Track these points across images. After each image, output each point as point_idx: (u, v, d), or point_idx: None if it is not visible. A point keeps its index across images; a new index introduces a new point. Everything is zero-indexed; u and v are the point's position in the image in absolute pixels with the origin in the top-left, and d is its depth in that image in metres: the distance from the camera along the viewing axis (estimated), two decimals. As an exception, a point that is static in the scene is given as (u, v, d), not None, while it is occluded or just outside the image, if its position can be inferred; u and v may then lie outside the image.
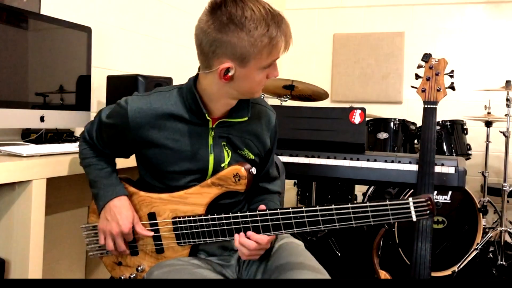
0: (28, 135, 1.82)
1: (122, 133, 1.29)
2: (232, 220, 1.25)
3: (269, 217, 1.21)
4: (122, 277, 1.38)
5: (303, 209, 1.20)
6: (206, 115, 1.27)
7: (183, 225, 1.30)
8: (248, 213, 1.23)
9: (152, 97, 1.29)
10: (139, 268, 1.35)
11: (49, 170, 1.38)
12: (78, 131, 2.11)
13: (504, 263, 3.01)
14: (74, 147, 1.63)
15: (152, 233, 1.32)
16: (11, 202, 1.34)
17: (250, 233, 1.22)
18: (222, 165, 1.31)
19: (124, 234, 1.30)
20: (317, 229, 1.20)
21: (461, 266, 2.86)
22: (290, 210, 1.21)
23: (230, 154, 1.33)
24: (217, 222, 1.26)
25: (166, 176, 1.31)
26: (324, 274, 1.23)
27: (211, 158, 1.30)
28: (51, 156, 1.44)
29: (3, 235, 1.35)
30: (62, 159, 1.44)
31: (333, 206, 1.17)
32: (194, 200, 1.30)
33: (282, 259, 1.29)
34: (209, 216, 1.27)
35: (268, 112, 1.42)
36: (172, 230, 1.31)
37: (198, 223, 1.28)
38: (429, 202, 1.12)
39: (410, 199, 1.13)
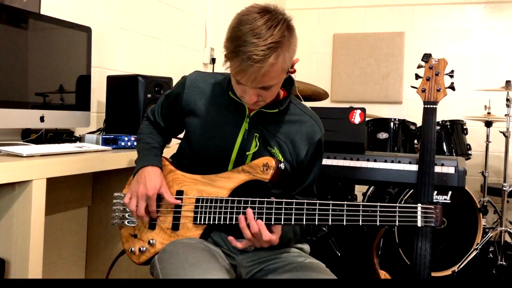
0: (28, 135, 1.81)
1: (177, 99, 1.44)
2: (249, 205, 1.28)
3: (283, 206, 1.25)
4: (132, 249, 1.42)
5: (317, 201, 1.24)
6: (242, 103, 1.35)
7: (203, 204, 1.36)
8: (265, 199, 1.27)
9: (210, 74, 1.46)
10: (151, 241, 1.39)
11: (49, 170, 1.38)
12: (78, 131, 2.11)
13: (504, 263, 3.01)
14: (74, 147, 1.63)
15: (179, 202, 1.39)
16: (11, 202, 1.34)
17: (259, 222, 1.25)
18: (247, 153, 1.37)
19: (148, 197, 1.36)
20: (325, 224, 1.22)
21: (461, 266, 2.86)
22: (304, 201, 1.25)
23: (258, 146, 1.37)
24: (235, 205, 1.31)
25: (196, 147, 1.41)
26: None
27: (238, 142, 1.37)
28: (51, 156, 1.44)
29: (3, 235, 1.35)
30: (62, 159, 1.44)
31: (345, 203, 1.21)
32: (221, 183, 1.36)
33: (301, 275, 1.32)
34: (229, 198, 1.32)
35: (314, 127, 1.43)
36: (192, 209, 1.37)
37: (217, 204, 1.33)
38: (437, 211, 1.13)
39: (419, 205, 1.14)
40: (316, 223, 1.22)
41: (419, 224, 1.14)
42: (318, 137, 1.42)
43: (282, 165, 1.34)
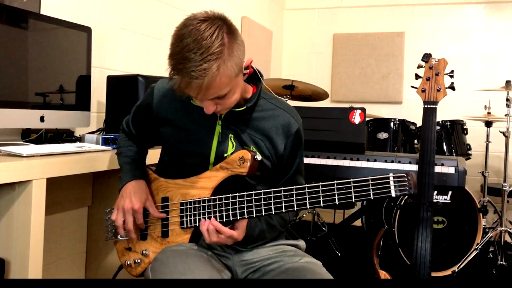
0: (28, 135, 1.81)
1: (148, 109, 1.43)
2: (230, 201, 1.28)
3: (262, 197, 1.24)
4: (128, 263, 1.44)
5: (293, 187, 1.22)
6: None
7: (188, 206, 1.36)
8: (244, 193, 1.26)
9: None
10: (144, 252, 1.41)
11: (49, 170, 1.38)
12: (78, 131, 2.10)
13: (504, 263, 3.01)
14: (74, 147, 1.63)
15: (164, 215, 1.40)
16: (11, 202, 1.34)
17: (214, 221, 1.26)
18: (225, 155, 1.36)
19: (134, 211, 1.38)
20: (303, 208, 1.21)
21: (461, 266, 2.86)
22: (282, 189, 1.23)
23: (234, 146, 1.37)
24: (217, 202, 1.30)
25: (175, 156, 1.42)
26: None
27: (214, 146, 1.37)
28: (51, 156, 1.44)
29: (3, 235, 1.35)
30: (62, 159, 1.44)
31: (319, 184, 1.20)
32: (203, 183, 1.36)
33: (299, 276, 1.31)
34: (211, 198, 1.32)
35: (289, 120, 1.41)
36: (178, 213, 1.38)
37: (201, 204, 1.33)
38: (409, 177, 1.12)
39: (391, 174, 1.13)
40: (295, 208, 1.21)
41: (393, 193, 1.13)
42: (295, 128, 1.41)
43: (258, 157, 1.32)
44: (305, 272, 1.32)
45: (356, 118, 2.18)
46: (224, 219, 1.28)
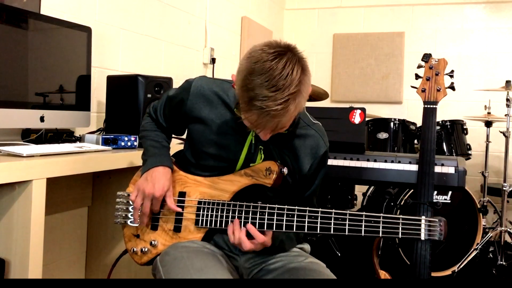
0: (28, 135, 1.81)
1: (180, 104, 1.41)
2: (251, 209, 1.28)
3: (285, 212, 1.25)
4: (134, 249, 1.42)
5: (319, 209, 1.23)
6: None
7: (205, 206, 1.36)
8: (267, 205, 1.27)
9: (216, 82, 1.41)
10: (153, 243, 1.40)
11: (49, 170, 1.38)
12: (78, 131, 2.10)
13: (504, 263, 3.01)
14: (74, 147, 1.63)
15: (179, 209, 1.38)
16: (11, 202, 1.34)
17: (249, 226, 1.27)
18: (252, 165, 1.36)
19: (154, 197, 1.36)
20: (327, 234, 1.21)
21: (461, 266, 2.86)
22: (307, 209, 1.24)
23: (263, 158, 1.36)
24: (237, 209, 1.30)
25: (200, 155, 1.41)
26: None
27: (243, 155, 1.37)
28: (51, 156, 1.44)
29: (3, 235, 1.35)
30: (62, 159, 1.44)
31: (347, 212, 1.19)
32: (224, 186, 1.36)
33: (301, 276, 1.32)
34: (231, 202, 1.31)
35: (319, 142, 1.41)
36: (194, 211, 1.37)
37: (219, 207, 1.33)
38: (441, 224, 1.12)
39: (423, 217, 1.13)
40: (318, 232, 1.21)
41: (422, 237, 1.12)
42: (323, 151, 1.40)
43: (285, 170, 1.33)
44: (309, 272, 1.32)
45: (356, 118, 2.18)
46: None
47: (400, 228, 1.14)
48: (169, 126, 1.53)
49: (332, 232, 1.20)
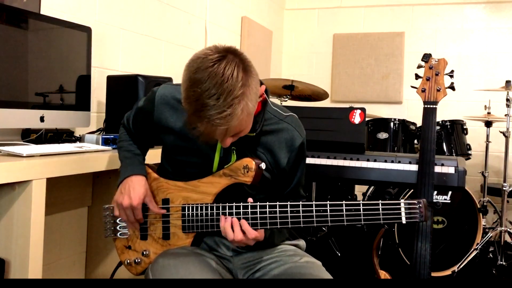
0: (28, 135, 1.81)
1: (149, 116, 1.40)
2: (234, 211, 1.28)
3: (267, 209, 1.24)
4: (128, 261, 1.43)
5: (300, 203, 1.23)
6: None
7: (190, 211, 1.35)
8: (248, 204, 1.26)
9: (179, 89, 1.34)
10: (144, 253, 1.40)
11: (49, 170, 1.38)
12: (78, 131, 2.10)
13: (504, 263, 3.01)
14: (74, 147, 1.63)
15: (164, 211, 1.38)
16: (11, 202, 1.34)
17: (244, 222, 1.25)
18: (225, 166, 1.34)
19: (133, 207, 1.36)
20: (309, 226, 1.22)
21: (461, 266, 2.85)
22: (288, 204, 1.23)
23: (236, 158, 1.35)
24: (220, 211, 1.30)
25: (174, 163, 1.41)
26: None
27: (217, 158, 1.35)
28: (51, 156, 1.44)
29: (3, 235, 1.35)
30: (62, 159, 1.44)
31: (327, 203, 1.19)
32: (205, 189, 1.35)
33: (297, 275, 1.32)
34: (214, 205, 1.31)
35: (293, 133, 1.38)
36: (180, 217, 1.37)
37: (204, 211, 1.33)
38: (420, 205, 1.12)
39: (402, 200, 1.13)
40: (302, 225, 1.22)
41: (403, 220, 1.13)
42: (299, 143, 1.38)
43: (262, 165, 1.31)
44: (305, 272, 1.32)
45: (356, 118, 2.18)
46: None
47: (381, 213, 1.14)
48: (142, 136, 1.51)
49: (315, 224, 1.21)
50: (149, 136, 1.48)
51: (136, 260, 1.42)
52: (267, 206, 1.25)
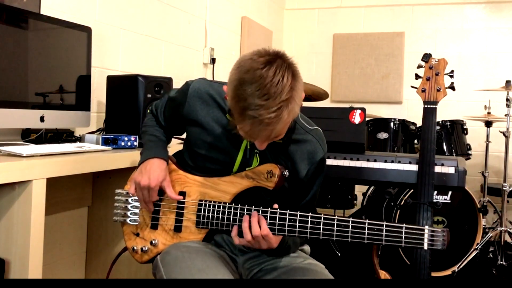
0: (28, 135, 1.81)
1: (180, 107, 1.42)
2: (261, 214, 1.27)
3: (287, 217, 1.24)
4: (134, 248, 1.42)
5: (321, 215, 1.23)
6: None
7: (206, 208, 1.35)
8: (268, 209, 1.27)
9: (214, 85, 1.42)
10: (153, 242, 1.39)
11: (49, 170, 1.38)
12: (78, 131, 2.10)
13: (504, 263, 3.01)
14: (74, 147, 1.63)
15: (180, 197, 1.38)
16: (11, 202, 1.34)
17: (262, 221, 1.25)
18: (247, 168, 1.35)
19: (150, 188, 1.36)
20: (329, 238, 1.21)
21: (461, 266, 2.86)
22: (309, 214, 1.23)
23: (259, 162, 1.36)
24: (238, 211, 1.30)
25: (196, 157, 1.42)
26: None
27: (239, 158, 1.37)
28: (51, 156, 1.44)
29: (3, 235, 1.35)
30: (62, 159, 1.44)
31: (350, 219, 1.19)
32: (224, 187, 1.36)
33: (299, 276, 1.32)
34: (232, 205, 1.32)
35: (316, 146, 1.40)
36: (195, 212, 1.37)
37: (220, 209, 1.33)
38: (444, 234, 1.12)
39: (426, 227, 1.13)
40: (321, 237, 1.21)
41: (425, 247, 1.13)
42: (320, 157, 1.40)
43: (286, 172, 1.32)
44: (307, 273, 1.32)
45: (356, 118, 2.18)
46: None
47: (403, 237, 1.14)
48: (168, 126, 1.54)
49: (334, 238, 1.20)
50: (176, 126, 1.52)
51: (143, 248, 1.41)
52: (287, 214, 1.25)
